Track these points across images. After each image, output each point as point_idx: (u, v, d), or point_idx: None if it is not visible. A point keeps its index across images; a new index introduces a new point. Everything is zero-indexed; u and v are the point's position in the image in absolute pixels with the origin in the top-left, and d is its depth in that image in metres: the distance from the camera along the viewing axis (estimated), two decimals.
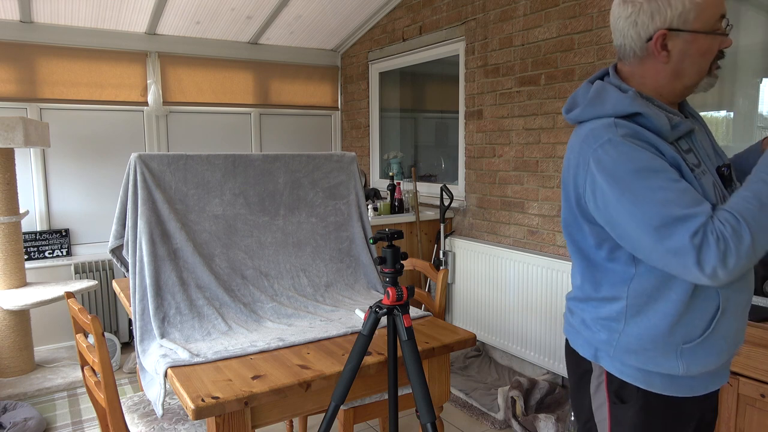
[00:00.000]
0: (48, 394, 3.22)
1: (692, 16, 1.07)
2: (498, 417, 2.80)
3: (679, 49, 1.10)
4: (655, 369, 1.13)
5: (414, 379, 1.46)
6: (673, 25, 1.08)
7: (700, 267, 0.99)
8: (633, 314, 1.13)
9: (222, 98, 4.53)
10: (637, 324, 1.13)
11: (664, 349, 1.12)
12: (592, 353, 1.20)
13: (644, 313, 1.12)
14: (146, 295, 1.86)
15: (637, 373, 1.14)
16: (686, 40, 1.09)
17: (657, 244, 1.01)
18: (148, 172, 1.96)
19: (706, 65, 1.12)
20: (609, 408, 1.19)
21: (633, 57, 1.15)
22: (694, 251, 0.98)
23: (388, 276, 1.56)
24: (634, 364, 1.14)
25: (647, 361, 1.13)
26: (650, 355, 1.12)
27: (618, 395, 1.17)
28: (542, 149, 3.15)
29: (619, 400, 1.17)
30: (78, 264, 3.83)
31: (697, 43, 1.09)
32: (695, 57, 1.10)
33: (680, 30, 1.08)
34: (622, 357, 1.15)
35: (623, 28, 1.15)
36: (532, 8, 3.15)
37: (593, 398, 1.23)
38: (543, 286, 3.07)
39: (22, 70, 3.77)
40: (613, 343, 1.16)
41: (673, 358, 1.12)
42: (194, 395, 1.39)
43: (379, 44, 4.53)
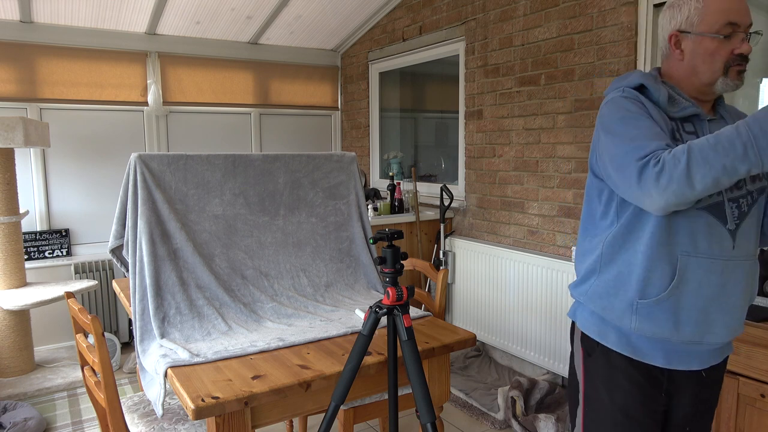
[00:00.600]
0: (48, 394, 3.22)
1: (696, 20, 1.25)
2: (498, 417, 2.80)
3: (690, 49, 1.27)
4: (611, 318, 1.29)
5: (414, 379, 1.46)
6: (682, 28, 1.28)
7: (638, 184, 1.14)
8: (606, 263, 1.30)
9: (222, 98, 4.53)
10: (607, 271, 1.29)
11: (623, 297, 1.26)
12: (572, 312, 1.42)
13: (614, 261, 1.28)
14: (146, 295, 1.86)
15: (595, 327, 1.33)
16: (694, 41, 1.26)
17: (616, 164, 1.19)
18: (148, 172, 1.96)
19: (718, 66, 1.25)
20: (582, 358, 1.38)
21: (663, 55, 1.35)
22: (636, 171, 1.14)
23: (388, 276, 1.56)
24: (596, 312, 1.32)
25: (606, 307, 1.29)
26: (611, 300, 1.28)
27: (586, 348, 1.37)
28: (542, 149, 3.15)
29: (586, 352, 1.36)
30: (78, 264, 3.83)
31: (703, 44, 1.25)
32: (704, 56, 1.26)
33: (687, 32, 1.27)
34: (590, 305, 1.33)
35: (659, 32, 1.36)
36: (532, 8, 3.15)
37: (574, 351, 1.42)
38: (543, 286, 3.07)
39: (22, 70, 3.77)
40: (587, 292, 1.34)
41: (629, 311, 1.26)
42: (194, 395, 1.39)
43: (379, 44, 4.53)
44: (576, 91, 2.93)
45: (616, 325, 1.29)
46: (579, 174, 2.95)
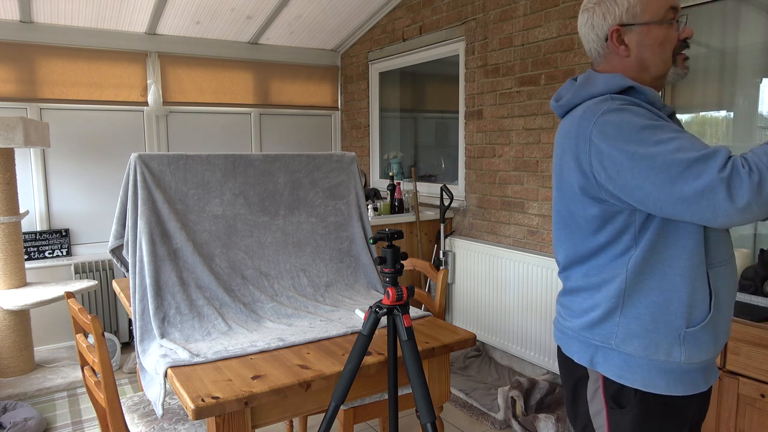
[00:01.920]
0: (48, 394, 3.22)
1: (639, 10, 1.15)
2: (498, 417, 2.80)
3: (636, 41, 1.17)
4: (656, 357, 1.11)
5: (414, 379, 1.46)
6: (623, 21, 1.16)
7: (731, 199, 0.95)
8: (630, 294, 1.12)
9: (222, 98, 4.53)
10: (637, 304, 1.12)
11: (666, 330, 1.11)
12: (587, 359, 1.19)
13: (641, 291, 1.12)
14: (146, 295, 1.86)
15: (637, 376, 1.13)
16: (640, 32, 1.16)
17: (682, 190, 0.99)
18: (148, 172, 1.96)
19: (668, 54, 1.17)
20: (607, 414, 1.18)
21: (599, 57, 1.23)
22: (723, 184, 0.96)
23: (388, 276, 1.56)
24: (635, 355, 1.12)
25: (648, 346, 1.11)
26: (652, 337, 1.11)
27: (615, 400, 1.17)
28: (542, 149, 3.15)
29: (616, 405, 1.17)
30: (78, 264, 3.83)
31: (651, 33, 1.16)
32: (654, 47, 1.16)
33: (630, 24, 1.16)
34: (624, 348, 1.13)
35: (586, 34, 1.24)
36: (532, 8, 3.15)
37: (590, 404, 1.22)
38: (543, 286, 3.07)
39: (22, 70, 3.77)
40: (615, 334, 1.14)
41: (677, 344, 1.11)
42: (194, 395, 1.39)
43: (379, 44, 4.53)
44: None
45: (664, 362, 1.12)
46: None
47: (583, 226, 1.17)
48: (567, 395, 1.32)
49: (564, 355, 1.28)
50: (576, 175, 1.14)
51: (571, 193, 1.17)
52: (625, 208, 1.10)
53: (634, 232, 1.11)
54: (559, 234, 1.26)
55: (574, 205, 1.17)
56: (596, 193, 1.12)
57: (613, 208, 1.11)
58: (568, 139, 1.15)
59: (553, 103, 1.25)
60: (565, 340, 1.26)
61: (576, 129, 1.13)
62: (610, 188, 1.09)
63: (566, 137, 1.17)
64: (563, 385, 1.34)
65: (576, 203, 1.17)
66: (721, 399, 1.99)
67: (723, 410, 1.99)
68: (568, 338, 1.25)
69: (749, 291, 2.10)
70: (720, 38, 2.44)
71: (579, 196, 1.15)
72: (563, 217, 1.23)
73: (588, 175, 1.11)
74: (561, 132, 1.20)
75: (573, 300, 1.23)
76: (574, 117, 1.15)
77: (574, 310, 1.23)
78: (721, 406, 1.99)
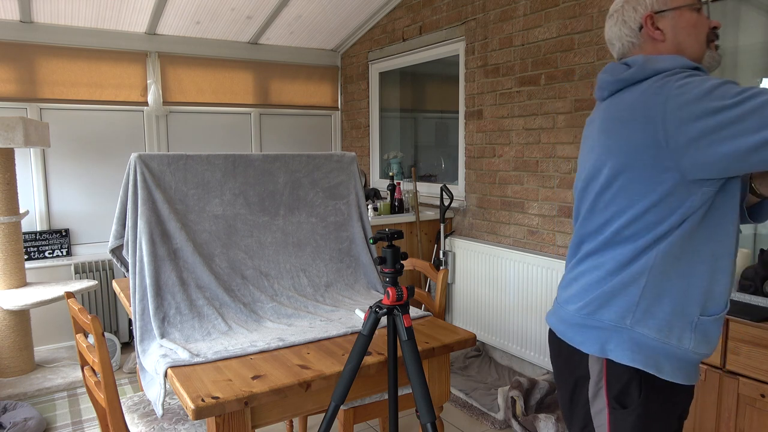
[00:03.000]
0: (48, 394, 3.22)
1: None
2: (498, 417, 2.80)
3: (671, 25, 1.20)
4: (668, 339, 1.12)
5: (414, 379, 1.46)
6: (655, 9, 1.21)
7: None
8: (657, 272, 1.11)
9: (222, 98, 4.53)
10: (660, 283, 1.12)
11: (682, 315, 1.12)
12: (598, 347, 1.17)
13: (668, 272, 1.11)
14: (146, 295, 1.86)
15: (649, 359, 1.12)
16: (673, 17, 1.20)
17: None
18: (148, 172, 1.96)
19: (702, 37, 1.21)
20: (609, 414, 1.18)
21: (633, 47, 1.25)
22: None
23: (388, 276, 1.56)
24: (648, 335, 1.12)
25: (663, 328, 1.12)
26: (669, 320, 1.12)
27: (618, 400, 1.17)
28: (542, 149, 3.15)
29: (619, 405, 1.17)
30: (78, 264, 3.83)
31: (684, 16, 1.20)
32: (688, 29, 1.20)
33: (662, 10, 1.21)
34: (637, 329, 1.13)
35: (617, 33, 1.27)
36: (532, 8, 3.15)
37: (592, 404, 1.22)
38: (543, 286, 3.07)
39: (22, 70, 3.77)
40: (629, 312, 1.13)
41: (689, 329, 1.12)
42: (194, 395, 1.39)
43: (379, 44, 4.53)
44: (576, 91, 2.93)
45: (674, 347, 1.13)
46: None
47: (628, 199, 1.14)
48: (563, 395, 1.31)
49: (564, 349, 1.26)
50: (642, 143, 1.09)
51: (624, 162, 1.13)
52: (684, 185, 1.07)
53: (683, 213, 1.09)
54: (591, 203, 1.22)
55: (629, 172, 1.13)
56: (665, 162, 1.07)
57: (672, 182, 1.08)
58: (632, 111, 1.11)
59: (608, 77, 1.20)
60: (570, 330, 1.23)
61: (647, 100, 1.09)
62: (698, 156, 1.03)
63: (629, 109, 1.12)
64: (559, 383, 1.32)
65: (632, 170, 1.12)
66: (721, 399, 1.99)
67: (723, 410, 1.98)
68: (572, 327, 1.22)
69: (749, 291, 2.10)
70: (720, 38, 2.44)
71: (636, 166, 1.11)
72: (601, 185, 1.18)
73: (661, 144, 1.07)
74: (620, 106, 1.15)
75: (588, 268, 1.21)
76: (644, 90, 1.11)
77: (587, 282, 1.20)
78: (721, 406, 1.99)
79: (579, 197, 1.29)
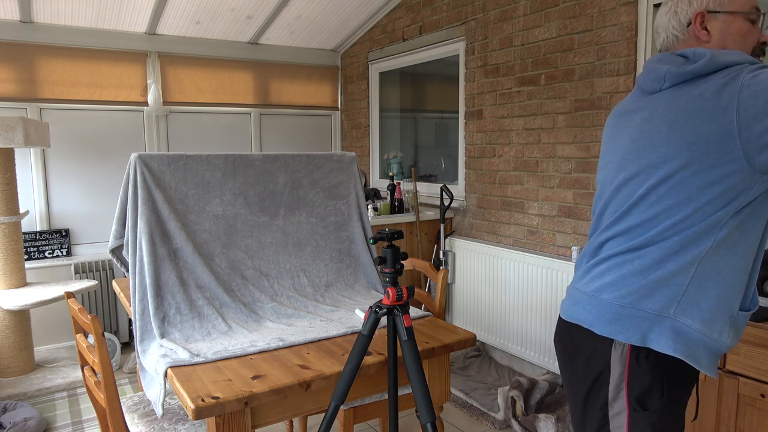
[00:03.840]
0: (48, 394, 3.22)
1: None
2: (498, 417, 2.80)
3: (719, 29, 1.17)
4: (710, 332, 1.10)
5: (414, 379, 1.46)
6: (710, 8, 1.18)
7: None
8: (707, 263, 1.09)
9: (222, 98, 4.53)
10: (708, 275, 1.10)
11: (725, 309, 1.11)
12: (639, 337, 1.13)
13: (717, 264, 1.10)
14: (146, 295, 1.86)
15: (689, 349, 1.10)
16: (724, 21, 1.17)
17: None
18: (148, 172, 1.96)
19: (748, 48, 1.17)
20: (628, 415, 1.17)
21: (677, 42, 1.23)
22: None
23: (388, 276, 1.56)
24: (691, 326, 1.10)
25: (706, 320, 1.10)
26: (713, 312, 1.10)
27: (640, 402, 1.15)
28: (542, 149, 3.15)
29: (640, 407, 1.15)
30: (78, 264, 3.83)
31: (736, 23, 1.17)
32: (735, 37, 1.17)
33: (717, 12, 1.17)
34: (680, 318, 1.11)
35: (665, 22, 1.24)
36: (532, 8, 3.15)
37: (611, 406, 1.19)
38: (543, 286, 3.07)
39: (22, 70, 3.77)
40: (674, 301, 1.11)
41: (728, 323, 1.11)
42: (194, 395, 1.39)
43: (379, 44, 4.53)
44: (576, 91, 2.93)
45: (715, 340, 1.12)
46: (579, 174, 2.95)
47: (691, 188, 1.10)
48: (576, 396, 1.27)
49: (586, 347, 1.22)
50: (712, 133, 1.06)
51: (690, 155, 1.09)
52: (748, 174, 1.05)
53: (740, 202, 1.07)
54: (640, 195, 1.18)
55: (696, 164, 1.09)
56: (733, 151, 1.05)
57: (737, 173, 1.06)
58: (703, 102, 1.08)
59: (673, 69, 1.14)
60: (603, 319, 1.18)
61: (719, 90, 1.06)
62: (760, 146, 1.02)
63: (699, 100, 1.09)
64: (571, 384, 1.28)
65: (698, 162, 1.09)
66: (721, 399, 1.99)
67: (723, 410, 1.98)
68: (608, 316, 1.18)
69: None
70: None
71: (703, 158, 1.08)
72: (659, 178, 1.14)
73: (733, 133, 1.04)
74: (687, 97, 1.12)
75: (630, 258, 1.17)
76: (714, 81, 1.09)
77: (629, 271, 1.16)
78: (721, 406, 1.99)
79: (614, 190, 1.24)
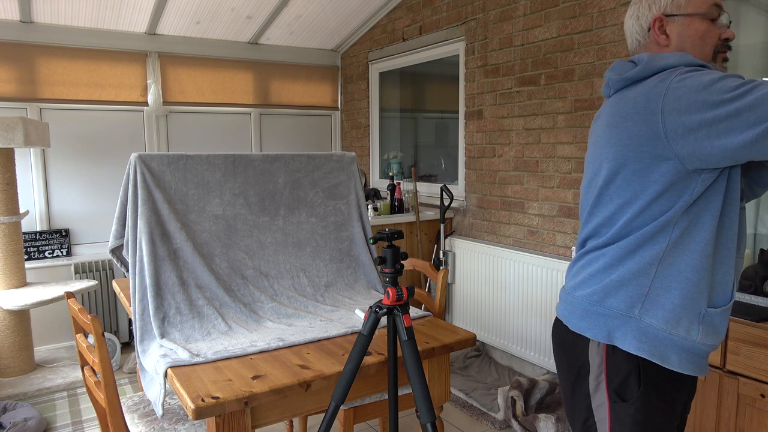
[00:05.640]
0: (48, 394, 3.22)
1: (683, 1, 1.18)
2: (498, 417, 2.80)
3: (678, 32, 1.19)
4: (675, 331, 1.12)
5: (414, 379, 1.46)
6: (667, 11, 1.19)
7: None
8: (666, 263, 1.12)
9: (222, 98, 4.53)
10: (670, 274, 1.12)
11: (691, 307, 1.12)
12: (605, 334, 1.17)
13: (676, 264, 1.12)
14: (146, 295, 1.86)
15: (654, 348, 1.13)
16: (682, 24, 1.18)
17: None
18: (148, 172, 1.96)
19: (709, 50, 1.18)
20: (609, 407, 1.19)
21: (639, 47, 1.25)
22: None
23: (388, 276, 1.56)
24: (655, 326, 1.13)
25: (671, 319, 1.12)
26: (677, 312, 1.12)
27: (618, 393, 1.18)
28: (542, 149, 3.15)
29: (619, 398, 1.18)
30: (78, 264, 3.83)
31: (694, 25, 1.17)
32: (694, 38, 1.18)
33: (674, 15, 1.18)
34: (645, 319, 1.13)
35: (630, 27, 1.27)
36: (532, 8, 3.15)
37: (593, 397, 1.23)
38: (543, 286, 3.07)
39: (22, 70, 3.77)
40: (638, 302, 1.14)
41: (696, 320, 1.13)
42: (194, 395, 1.39)
43: (379, 44, 4.53)
44: (576, 91, 2.93)
45: (682, 339, 1.14)
46: (579, 174, 2.95)
47: (635, 187, 1.14)
48: (565, 387, 1.31)
49: (569, 338, 1.26)
50: (642, 135, 1.11)
51: (625, 155, 1.14)
52: (685, 173, 1.08)
53: (686, 201, 1.10)
54: (596, 197, 1.23)
55: (632, 164, 1.14)
56: (664, 152, 1.09)
57: (673, 172, 1.09)
58: (634, 105, 1.12)
59: (615, 76, 1.20)
60: (575, 315, 1.24)
61: (648, 92, 1.10)
62: (696, 147, 1.05)
63: (632, 103, 1.13)
64: (561, 376, 1.32)
65: (634, 162, 1.13)
66: (721, 399, 1.99)
67: (723, 410, 1.98)
68: (579, 312, 1.23)
69: (749, 291, 2.10)
70: None
71: (644, 154, 1.12)
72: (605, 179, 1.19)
73: (659, 137, 1.08)
74: (624, 101, 1.16)
75: (596, 256, 1.21)
76: (646, 85, 1.12)
77: (595, 269, 1.21)
78: (721, 406, 1.99)
79: (584, 191, 1.30)
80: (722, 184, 1.11)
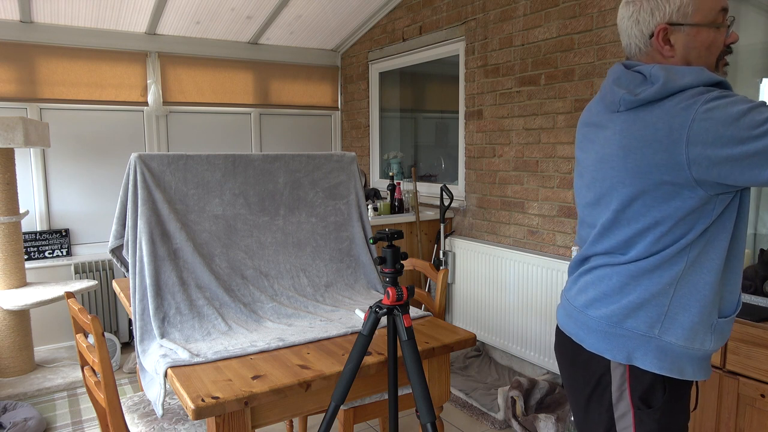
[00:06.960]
0: (48, 394, 3.22)
1: (691, 10, 1.10)
2: (498, 417, 2.80)
3: (683, 42, 1.13)
4: (692, 345, 1.13)
5: (414, 379, 1.46)
6: (672, 20, 1.12)
7: None
8: (684, 282, 1.11)
9: (222, 98, 4.53)
10: (688, 292, 1.11)
11: (706, 321, 1.12)
12: (624, 355, 1.16)
13: (694, 281, 1.11)
14: (146, 295, 1.86)
15: (674, 365, 1.13)
16: (688, 34, 1.12)
17: None
18: (148, 172, 1.96)
19: (713, 59, 1.14)
20: (634, 415, 1.18)
21: (639, 53, 1.19)
22: None
23: (388, 276, 1.56)
24: (675, 343, 1.12)
25: (689, 336, 1.12)
26: (695, 328, 1.12)
27: (644, 400, 1.17)
28: (542, 149, 3.15)
29: (645, 405, 1.17)
30: (78, 264, 3.83)
31: (700, 36, 1.12)
32: (700, 50, 1.13)
33: (680, 24, 1.11)
34: (664, 337, 1.12)
35: (627, 28, 1.19)
36: (532, 8, 3.15)
37: (615, 407, 1.20)
38: (543, 286, 3.07)
39: (22, 70, 3.77)
40: (658, 322, 1.13)
41: (709, 332, 1.13)
42: (194, 395, 1.39)
43: (379, 44, 4.53)
44: (576, 91, 2.93)
45: (697, 351, 1.14)
46: None
47: (655, 213, 1.11)
48: (578, 400, 1.28)
49: (583, 354, 1.23)
50: (663, 164, 1.07)
51: (645, 183, 1.10)
52: (705, 198, 1.06)
53: (705, 222, 1.08)
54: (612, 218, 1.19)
55: (652, 192, 1.10)
56: (686, 182, 1.06)
57: (695, 200, 1.07)
58: (655, 132, 1.07)
59: (627, 96, 1.12)
60: (592, 336, 1.21)
61: (671, 121, 1.05)
62: (711, 177, 1.03)
63: (652, 129, 1.08)
64: (573, 388, 1.30)
65: (655, 190, 1.10)
66: (721, 399, 1.99)
67: (723, 410, 1.98)
68: (596, 333, 1.20)
69: (749, 291, 2.10)
70: None
71: (658, 187, 1.09)
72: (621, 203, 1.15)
73: (683, 165, 1.04)
74: (641, 125, 1.10)
75: (609, 274, 1.18)
76: (666, 110, 1.07)
77: (608, 287, 1.18)
78: (721, 406, 1.99)
79: (591, 205, 1.25)
80: (736, 201, 1.10)
